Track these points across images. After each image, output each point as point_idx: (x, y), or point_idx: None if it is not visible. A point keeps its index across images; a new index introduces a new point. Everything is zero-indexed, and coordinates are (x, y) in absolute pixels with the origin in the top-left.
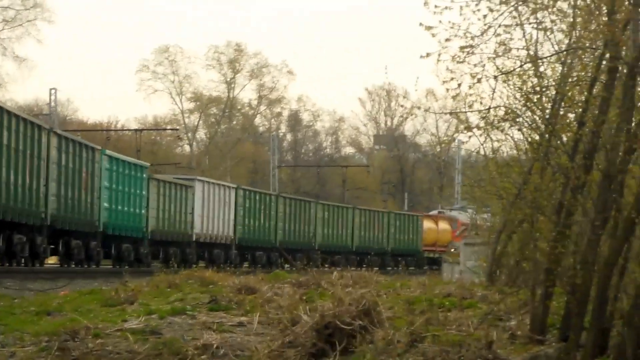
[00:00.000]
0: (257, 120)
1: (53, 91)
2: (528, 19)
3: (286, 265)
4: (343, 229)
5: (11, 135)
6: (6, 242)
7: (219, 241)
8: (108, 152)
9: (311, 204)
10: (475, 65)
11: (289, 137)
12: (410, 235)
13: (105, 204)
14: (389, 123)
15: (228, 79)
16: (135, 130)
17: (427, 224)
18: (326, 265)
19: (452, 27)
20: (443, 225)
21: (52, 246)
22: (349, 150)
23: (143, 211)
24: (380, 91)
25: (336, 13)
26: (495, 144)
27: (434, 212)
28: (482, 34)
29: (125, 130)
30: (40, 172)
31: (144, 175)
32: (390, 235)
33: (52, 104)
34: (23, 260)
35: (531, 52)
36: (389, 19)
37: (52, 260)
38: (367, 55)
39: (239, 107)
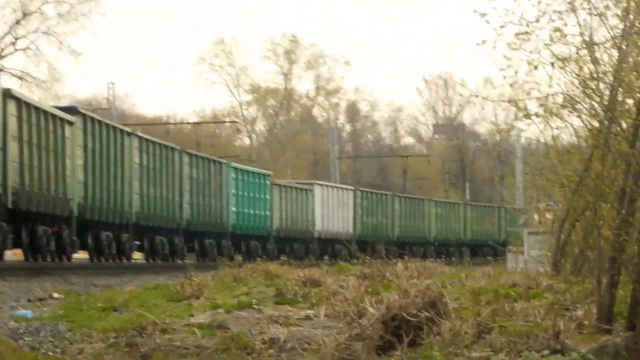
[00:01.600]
0: (315, 111)
1: (111, 85)
2: (582, 4)
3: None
4: (457, 223)
5: (149, 157)
6: (149, 242)
7: (339, 237)
8: (234, 164)
9: (424, 202)
10: (531, 52)
11: (347, 127)
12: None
13: (233, 208)
14: (447, 112)
15: (285, 71)
16: (194, 123)
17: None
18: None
19: (506, 14)
20: None
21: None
22: (408, 140)
23: (267, 213)
24: (437, 80)
25: (391, 1)
26: (555, 132)
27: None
28: (536, 20)
29: (185, 123)
30: (175, 185)
31: (267, 182)
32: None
33: (111, 98)
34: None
35: (586, 38)
36: (444, 7)
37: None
38: (424, 44)
39: (296, 99)
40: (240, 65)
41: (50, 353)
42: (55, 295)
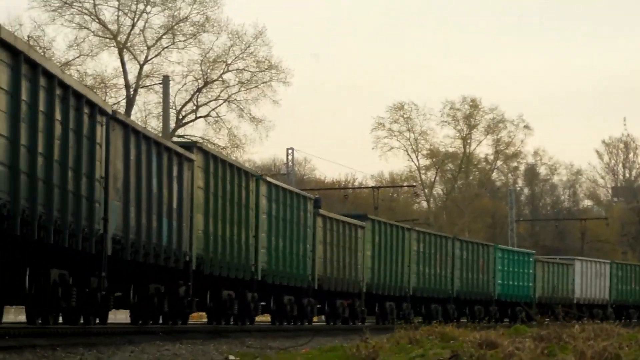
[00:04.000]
0: (494, 175)
1: (290, 151)
2: None
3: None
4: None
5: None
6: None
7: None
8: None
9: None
10: None
11: (526, 191)
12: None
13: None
14: (627, 175)
15: (464, 135)
16: (372, 187)
17: None
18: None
19: None
20: None
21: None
22: (586, 203)
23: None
24: (618, 143)
25: (571, 65)
26: None
27: None
28: None
29: (363, 187)
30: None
31: (531, 259)
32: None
33: (290, 163)
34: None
35: None
36: (626, 72)
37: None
38: (605, 107)
39: (475, 162)
40: (418, 130)
41: None
42: (231, 357)
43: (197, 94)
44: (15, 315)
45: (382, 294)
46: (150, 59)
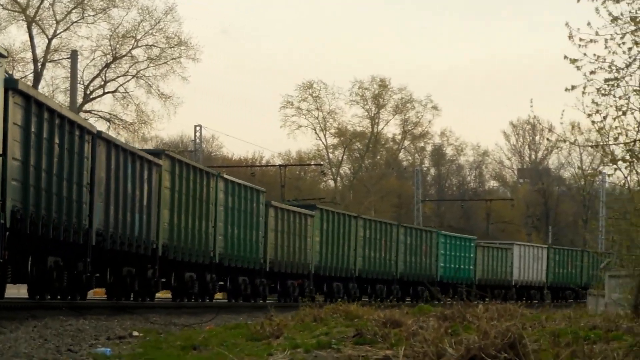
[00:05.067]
0: (401, 155)
1: (198, 128)
2: None
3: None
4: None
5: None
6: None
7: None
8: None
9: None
10: (620, 98)
11: (432, 171)
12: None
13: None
14: (533, 157)
15: (372, 114)
16: (280, 165)
17: None
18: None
19: (596, 60)
20: None
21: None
22: (492, 184)
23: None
24: (525, 125)
25: (479, 48)
26: None
27: None
28: (627, 67)
29: (270, 165)
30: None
31: (472, 244)
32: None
33: (197, 140)
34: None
35: None
36: (533, 52)
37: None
38: (512, 89)
39: (382, 142)
40: (327, 109)
41: None
42: (135, 333)
43: (106, 69)
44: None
45: (329, 275)
46: (59, 34)
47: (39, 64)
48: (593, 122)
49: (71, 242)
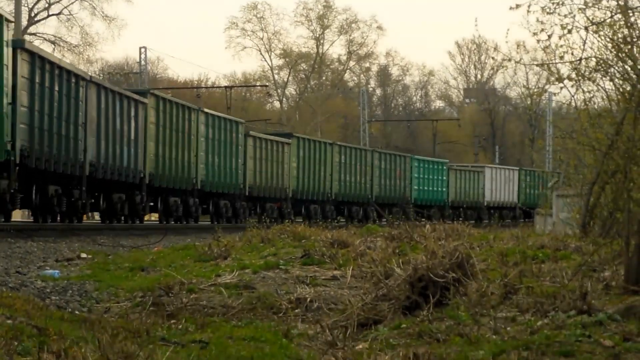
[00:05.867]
0: (347, 75)
1: (143, 50)
2: None
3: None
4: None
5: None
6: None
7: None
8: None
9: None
10: (565, 16)
11: (378, 92)
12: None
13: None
14: (479, 76)
15: (317, 35)
16: (225, 87)
17: None
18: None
19: None
20: None
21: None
22: (439, 104)
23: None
24: (470, 44)
25: None
26: (587, 95)
27: None
28: None
29: (216, 87)
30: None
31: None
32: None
33: (142, 62)
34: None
35: (621, 3)
36: None
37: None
38: (457, 8)
39: (328, 63)
40: (272, 30)
41: (77, 312)
42: (83, 255)
43: None
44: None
45: (307, 199)
46: None
47: None
48: (538, 40)
49: (69, 173)
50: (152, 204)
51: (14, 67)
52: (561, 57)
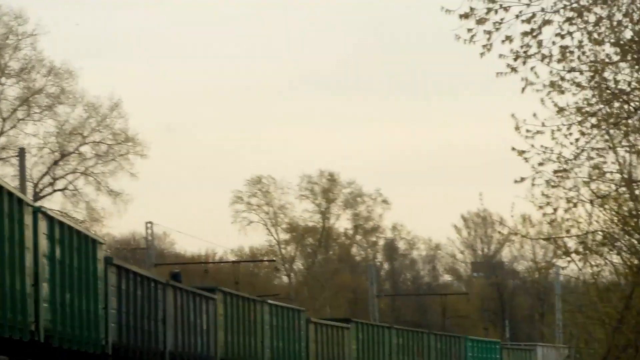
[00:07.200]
0: (354, 249)
1: (149, 225)
2: (620, 142)
3: None
4: None
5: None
6: None
7: None
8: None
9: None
10: (570, 190)
11: (386, 266)
12: None
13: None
14: (485, 250)
15: (322, 209)
16: (233, 262)
17: None
18: None
19: (544, 152)
20: None
21: None
22: (446, 278)
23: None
24: (475, 218)
25: (427, 142)
26: (595, 269)
27: None
28: (575, 158)
29: (223, 262)
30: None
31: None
32: None
33: (149, 238)
34: None
35: (625, 175)
36: (481, 146)
37: None
38: (462, 182)
39: (334, 237)
40: (277, 204)
41: None
42: None
43: (54, 166)
44: None
45: None
46: (6, 131)
47: None
48: (544, 214)
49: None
50: None
51: (105, 278)
52: (567, 231)
